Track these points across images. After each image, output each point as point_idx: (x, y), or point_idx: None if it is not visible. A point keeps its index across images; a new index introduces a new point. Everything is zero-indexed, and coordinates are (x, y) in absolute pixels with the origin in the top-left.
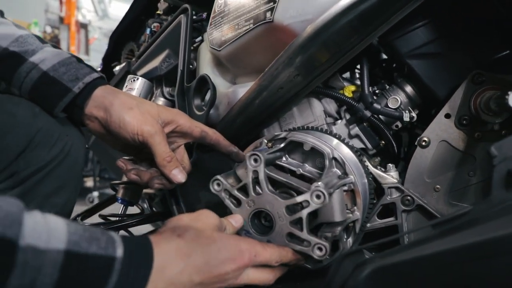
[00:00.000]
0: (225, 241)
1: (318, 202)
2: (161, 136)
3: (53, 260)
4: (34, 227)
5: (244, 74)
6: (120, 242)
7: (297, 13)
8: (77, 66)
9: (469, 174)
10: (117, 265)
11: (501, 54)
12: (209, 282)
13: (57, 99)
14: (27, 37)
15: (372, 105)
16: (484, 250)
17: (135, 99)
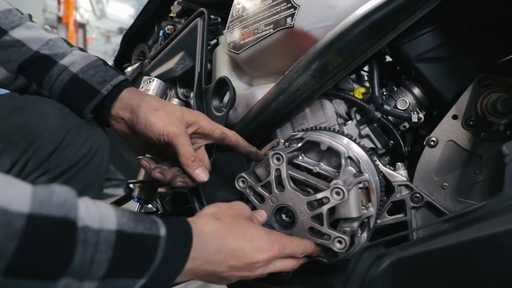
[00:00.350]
0: (258, 231)
1: (337, 199)
2: (185, 137)
3: (107, 239)
4: (88, 211)
5: (260, 76)
6: (161, 223)
7: (318, 20)
8: (104, 69)
9: (475, 172)
10: (162, 243)
11: (505, 58)
12: (240, 267)
13: (87, 100)
14: (56, 40)
15: (382, 107)
16: (499, 241)
17: (160, 101)
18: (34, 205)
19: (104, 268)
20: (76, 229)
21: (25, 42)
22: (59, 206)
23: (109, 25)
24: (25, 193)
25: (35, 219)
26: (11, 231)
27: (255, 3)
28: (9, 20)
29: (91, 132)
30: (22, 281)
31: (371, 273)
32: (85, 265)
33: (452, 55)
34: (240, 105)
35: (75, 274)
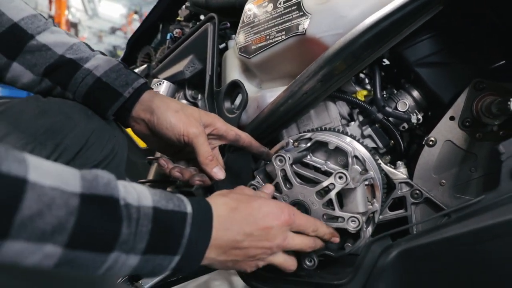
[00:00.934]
0: (265, 200)
1: (341, 183)
2: (204, 137)
3: (146, 214)
4: (126, 190)
5: (270, 80)
6: (187, 201)
7: (329, 28)
8: (125, 72)
9: (471, 170)
10: (189, 218)
11: (498, 64)
12: (258, 234)
13: (110, 102)
14: (79, 44)
15: (384, 108)
16: (497, 231)
17: (178, 103)
18: (84, 185)
19: (146, 241)
20: (120, 206)
21: (50, 46)
22: (105, 186)
23: (101, 24)
24: (75, 175)
25: (87, 197)
26: (69, 208)
27: (267, 10)
28: (35, 25)
29: (112, 133)
30: (81, 253)
31: (380, 263)
32: (131, 238)
33: (449, 60)
34: (251, 107)
35: (123, 246)
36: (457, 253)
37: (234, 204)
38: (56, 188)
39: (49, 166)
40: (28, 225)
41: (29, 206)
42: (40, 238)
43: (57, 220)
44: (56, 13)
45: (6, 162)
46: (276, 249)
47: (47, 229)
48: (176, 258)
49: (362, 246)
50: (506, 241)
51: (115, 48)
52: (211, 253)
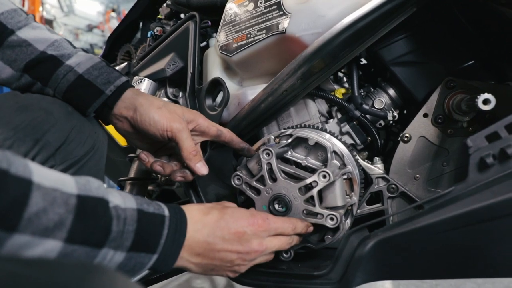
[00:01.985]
0: (238, 208)
1: (324, 181)
2: (187, 132)
3: (131, 215)
4: (113, 194)
5: (251, 77)
6: (164, 205)
7: (308, 27)
8: (108, 70)
9: (443, 164)
10: (167, 221)
11: (467, 64)
12: (229, 238)
13: (91, 100)
14: (61, 41)
15: (361, 106)
16: (466, 219)
17: (161, 100)
18: (79, 188)
19: (131, 239)
20: (110, 207)
21: (31, 42)
22: (97, 189)
23: (77, 22)
24: (70, 179)
25: (83, 198)
26: (68, 207)
27: (247, 9)
28: (15, 20)
29: (93, 130)
30: (77, 247)
31: (358, 254)
32: (119, 235)
33: (423, 60)
34: (232, 104)
35: (112, 243)
36: (430, 241)
37: (207, 210)
38: (56, 189)
39: (47, 171)
40: (34, 220)
41: (36, 203)
42: (43, 232)
43: (58, 217)
44: (30, 9)
45: (14, 166)
46: (254, 254)
47: (49, 225)
48: (154, 257)
49: (341, 238)
50: (473, 228)
51: (92, 46)
52: (184, 253)
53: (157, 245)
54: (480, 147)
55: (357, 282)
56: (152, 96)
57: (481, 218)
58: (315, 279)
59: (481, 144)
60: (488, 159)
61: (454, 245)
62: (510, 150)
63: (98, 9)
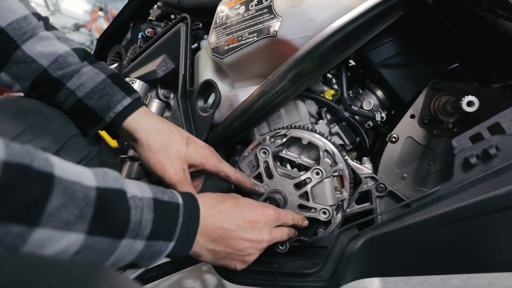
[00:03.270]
0: (249, 199)
1: (317, 178)
2: (182, 183)
3: (148, 204)
4: (130, 184)
5: (242, 79)
6: (178, 193)
7: (299, 30)
8: (110, 92)
9: (430, 164)
10: (181, 208)
11: (452, 66)
12: (244, 225)
13: (91, 125)
14: (66, 56)
15: (350, 107)
16: (452, 217)
17: (163, 137)
18: (98, 180)
19: (149, 228)
20: (128, 197)
21: (35, 58)
22: (115, 180)
23: (64, 21)
24: (89, 172)
25: (102, 190)
26: (89, 199)
27: (239, 12)
28: (22, 31)
29: (88, 141)
30: (99, 239)
31: (348, 252)
32: (137, 225)
33: (409, 62)
34: (223, 106)
35: (131, 233)
36: (417, 238)
37: (221, 198)
38: (77, 183)
39: (67, 164)
40: (56, 214)
41: (57, 198)
42: (65, 226)
43: (79, 210)
44: None
45: (37, 160)
46: (265, 243)
47: (71, 218)
48: (171, 244)
49: (332, 233)
50: (458, 226)
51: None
52: (200, 238)
53: (173, 232)
54: (465, 147)
55: (347, 279)
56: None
57: (465, 216)
58: (306, 277)
59: (465, 144)
60: (472, 159)
61: (440, 242)
62: (492, 151)
63: (85, 8)
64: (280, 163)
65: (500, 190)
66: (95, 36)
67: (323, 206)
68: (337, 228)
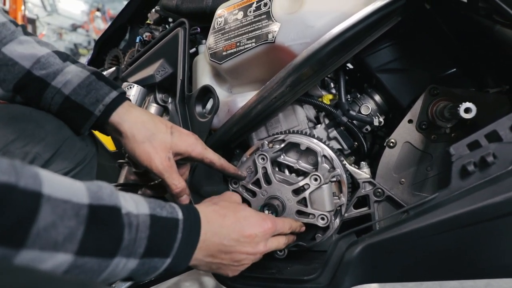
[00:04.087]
0: (249, 211)
1: (315, 184)
2: (169, 172)
3: (144, 221)
4: (125, 199)
5: (240, 85)
6: (178, 207)
7: (297, 37)
8: (96, 86)
9: (427, 169)
10: (181, 224)
11: (449, 71)
12: (243, 240)
13: (82, 121)
14: (48, 56)
15: (348, 112)
16: (450, 224)
17: (148, 128)
18: (91, 196)
19: (144, 245)
20: (122, 215)
21: (17, 60)
22: (109, 196)
23: (61, 21)
24: (81, 187)
25: (95, 208)
26: (79, 218)
27: (237, 18)
28: (1, 35)
29: (84, 143)
30: (89, 259)
31: (346, 258)
32: (131, 243)
33: (407, 67)
34: (222, 111)
35: (124, 252)
36: (415, 245)
37: (223, 212)
38: (67, 201)
39: (58, 179)
40: (43, 235)
41: (44, 218)
42: (53, 247)
43: (69, 230)
44: (11, 8)
45: (23, 178)
46: (259, 255)
47: (59, 238)
48: (168, 260)
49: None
50: (456, 232)
51: (76, 46)
52: (199, 254)
53: (171, 249)
54: (462, 155)
55: (346, 285)
56: (142, 123)
57: (463, 223)
58: (304, 283)
59: (463, 152)
60: (469, 166)
61: (438, 248)
62: (489, 158)
63: (82, 8)
64: (278, 168)
65: (497, 198)
66: (92, 36)
67: (321, 212)
68: (335, 233)
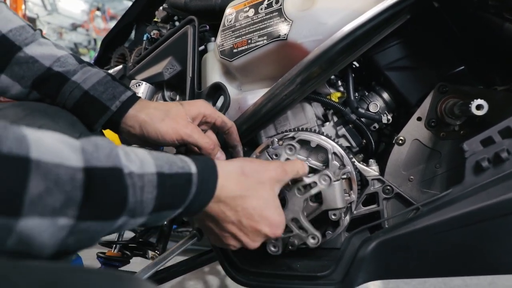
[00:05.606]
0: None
1: (324, 184)
2: (197, 132)
3: (150, 181)
4: (128, 158)
5: (250, 82)
6: (191, 161)
7: (310, 34)
8: (113, 85)
9: (436, 166)
10: (194, 178)
11: (458, 69)
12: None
13: (97, 116)
14: (66, 57)
15: (357, 110)
16: (464, 220)
17: (161, 109)
18: (86, 159)
19: (152, 205)
20: (123, 176)
21: (38, 58)
22: (107, 157)
23: (61, 20)
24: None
25: (91, 171)
26: (75, 183)
27: (248, 15)
28: (23, 36)
29: None
30: (91, 223)
31: (360, 254)
32: (137, 205)
33: (416, 65)
34: (232, 109)
35: (129, 213)
36: (429, 241)
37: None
38: (59, 165)
39: (49, 140)
40: (38, 202)
41: (36, 185)
42: (52, 213)
43: (65, 195)
44: (12, 7)
45: (7, 142)
46: (246, 246)
47: (56, 205)
48: (178, 211)
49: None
50: (470, 228)
51: (76, 45)
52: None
53: (182, 202)
54: (476, 151)
55: (359, 282)
56: (153, 108)
57: (477, 219)
58: (317, 280)
59: (477, 148)
60: (483, 162)
61: (452, 244)
62: (504, 154)
63: (82, 8)
64: None
65: None
66: (92, 36)
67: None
68: (345, 230)
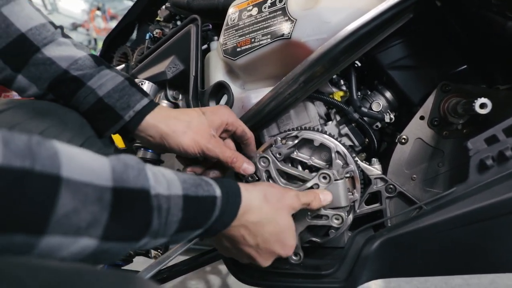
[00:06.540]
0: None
1: (325, 182)
2: (218, 146)
3: (176, 203)
4: (156, 179)
5: (253, 81)
6: (215, 184)
7: (313, 32)
8: (129, 92)
9: (439, 165)
10: (218, 202)
11: (461, 68)
12: (261, 250)
13: (110, 124)
14: (85, 59)
15: (360, 109)
16: (468, 218)
17: (183, 119)
18: (115, 178)
19: (175, 228)
20: (150, 197)
21: (55, 60)
22: (136, 178)
23: (61, 20)
24: (106, 167)
25: (120, 191)
26: (103, 203)
27: (251, 14)
28: (42, 36)
29: (102, 143)
30: (114, 244)
31: (364, 252)
32: (161, 227)
33: (418, 64)
34: (236, 107)
35: (153, 234)
36: (434, 239)
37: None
38: (89, 184)
39: (80, 158)
40: (64, 222)
41: (64, 204)
42: (76, 232)
43: (92, 215)
44: None
45: (40, 161)
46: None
47: (82, 224)
48: (198, 232)
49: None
50: (474, 227)
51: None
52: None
53: (204, 224)
54: (480, 149)
55: (363, 280)
56: (176, 118)
57: (482, 217)
58: (322, 278)
59: (481, 146)
60: (487, 161)
61: (456, 242)
62: (508, 152)
63: (83, 7)
64: (291, 164)
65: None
66: (93, 35)
67: (335, 212)
68: (348, 229)
